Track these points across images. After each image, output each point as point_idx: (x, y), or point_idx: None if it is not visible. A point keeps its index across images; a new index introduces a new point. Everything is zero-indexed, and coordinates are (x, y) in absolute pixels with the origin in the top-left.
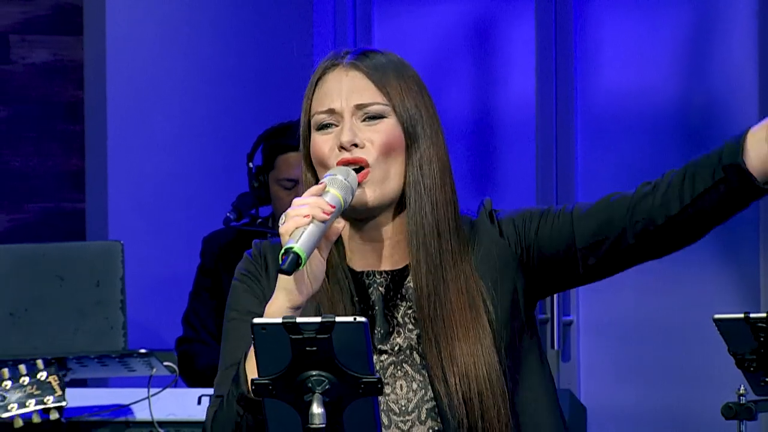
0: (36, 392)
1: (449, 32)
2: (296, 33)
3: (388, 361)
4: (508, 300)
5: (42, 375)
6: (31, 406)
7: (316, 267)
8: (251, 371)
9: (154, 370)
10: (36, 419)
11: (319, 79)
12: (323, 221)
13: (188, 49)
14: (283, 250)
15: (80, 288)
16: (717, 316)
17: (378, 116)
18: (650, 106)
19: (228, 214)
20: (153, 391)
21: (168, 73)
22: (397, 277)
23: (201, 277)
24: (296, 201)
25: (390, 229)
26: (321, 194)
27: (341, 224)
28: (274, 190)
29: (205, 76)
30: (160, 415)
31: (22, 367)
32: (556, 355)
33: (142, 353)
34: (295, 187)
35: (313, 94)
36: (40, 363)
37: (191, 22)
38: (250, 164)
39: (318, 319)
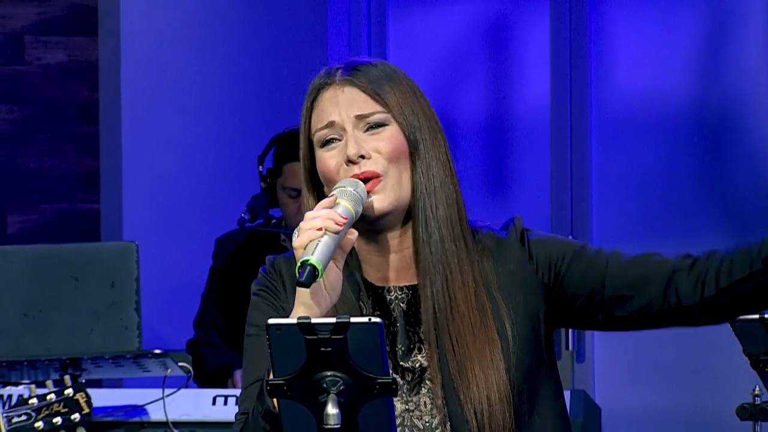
0: (63, 410)
1: (464, 34)
2: (311, 34)
3: (413, 380)
4: (529, 325)
5: (69, 392)
6: (58, 422)
7: (333, 278)
8: None
9: (169, 370)
10: None
11: (314, 100)
12: (336, 233)
13: (202, 50)
14: (299, 264)
15: (95, 289)
16: None
17: (380, 124)
18: (665, 108)
19: (242, 215)
20: (168, 391)
21: (182, 74)
22: (418, 293)
23: (213, 279)
24: (308, 214)
25: (402, 240)
26: (332, 206)
27: (354, 235)
28: (280, 196)
29: (220, 76)
30: (174, 415)
31: (50, 384)
32: (570, 356)
33: (157, 354)
34: (300, 197)
35: (310, 115)
36: (67, 380)
37: (205, 23)
38: (260, 167)
39: (333, 320)
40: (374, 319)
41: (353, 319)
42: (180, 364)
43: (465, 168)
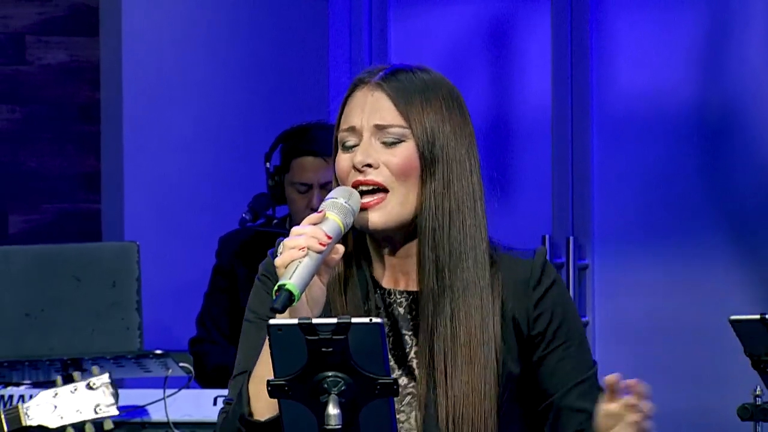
0: (88, 401)
1: (465, 33)
2: (311, 34)
3: (407, 392)
4: (517, 357)
5: (95, 383)
6: (83, 415)
7: (316, 293)
8: (255, 395)
9: (170, 371)
10: (89, 429)
11: (348, 96)
12: (320, 252)
13: (204, 49)
14: (276, 287)
15: (96, 289)
16: (733, 317)
17: (396, 140)
18: (666, 108)
19: (244, 215)
20: (169, 391)
21: (184, 73)
22: (419, 300)
23: (216, 277)
24: (294, 230)
25: (406, 248)
26: (319, 222)
27: (339, 254)
28: (288, 192)
29: (221, 76)
30: (175, 416)
31: (76, 375)
32: None
33: (158, 354)
34: (309, 192)
35: (342, 111)
36: (96, 369)
37: (207, 23)
38: (268, 164)
39: (334, 320)
40: (375, 320)
41: (354, 320)
42: (181, 364)
43: None
